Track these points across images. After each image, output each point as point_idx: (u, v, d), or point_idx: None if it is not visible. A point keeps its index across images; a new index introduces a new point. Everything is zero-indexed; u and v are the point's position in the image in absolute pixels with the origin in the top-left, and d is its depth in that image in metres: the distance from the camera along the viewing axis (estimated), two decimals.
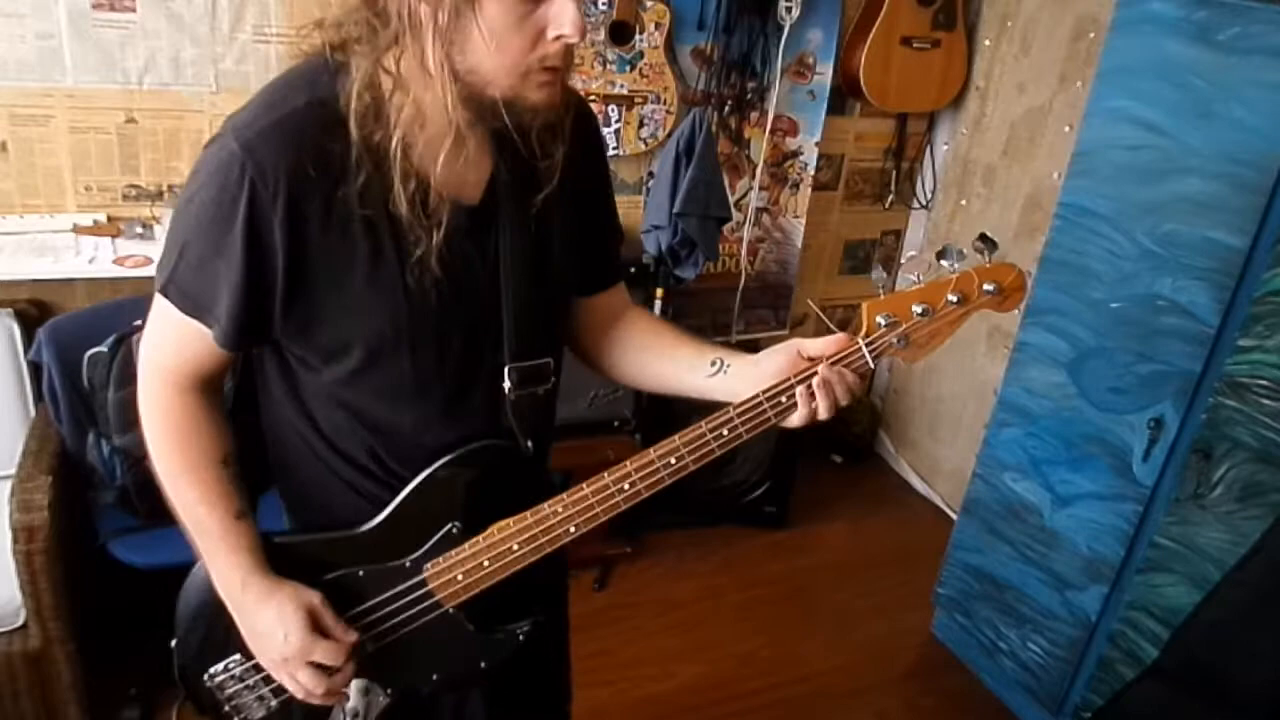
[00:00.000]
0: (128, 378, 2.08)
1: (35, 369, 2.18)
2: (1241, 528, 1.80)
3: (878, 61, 2.92)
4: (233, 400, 1.18)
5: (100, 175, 2.32)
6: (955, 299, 1.08)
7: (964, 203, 3.20)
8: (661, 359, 1.23)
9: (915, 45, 2.94)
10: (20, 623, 1.91)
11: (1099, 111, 2.08)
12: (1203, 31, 1.86)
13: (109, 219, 2.33)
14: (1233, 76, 1.81)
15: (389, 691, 1.19)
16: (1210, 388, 1.86)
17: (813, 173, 3.14)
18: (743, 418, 1.08)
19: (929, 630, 2.73)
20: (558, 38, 0.92)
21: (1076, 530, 2.21)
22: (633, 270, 2.70)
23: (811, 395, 1.08)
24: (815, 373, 1.07)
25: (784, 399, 1.08)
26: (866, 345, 1.09)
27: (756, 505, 3.05)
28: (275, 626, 1.08)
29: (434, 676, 1.19)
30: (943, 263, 1.08)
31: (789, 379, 1.08)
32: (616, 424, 2.73)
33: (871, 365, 1.10)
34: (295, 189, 0.95)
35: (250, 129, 0.95)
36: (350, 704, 1.17)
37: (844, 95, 3.09)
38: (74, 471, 2.09)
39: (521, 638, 1.19)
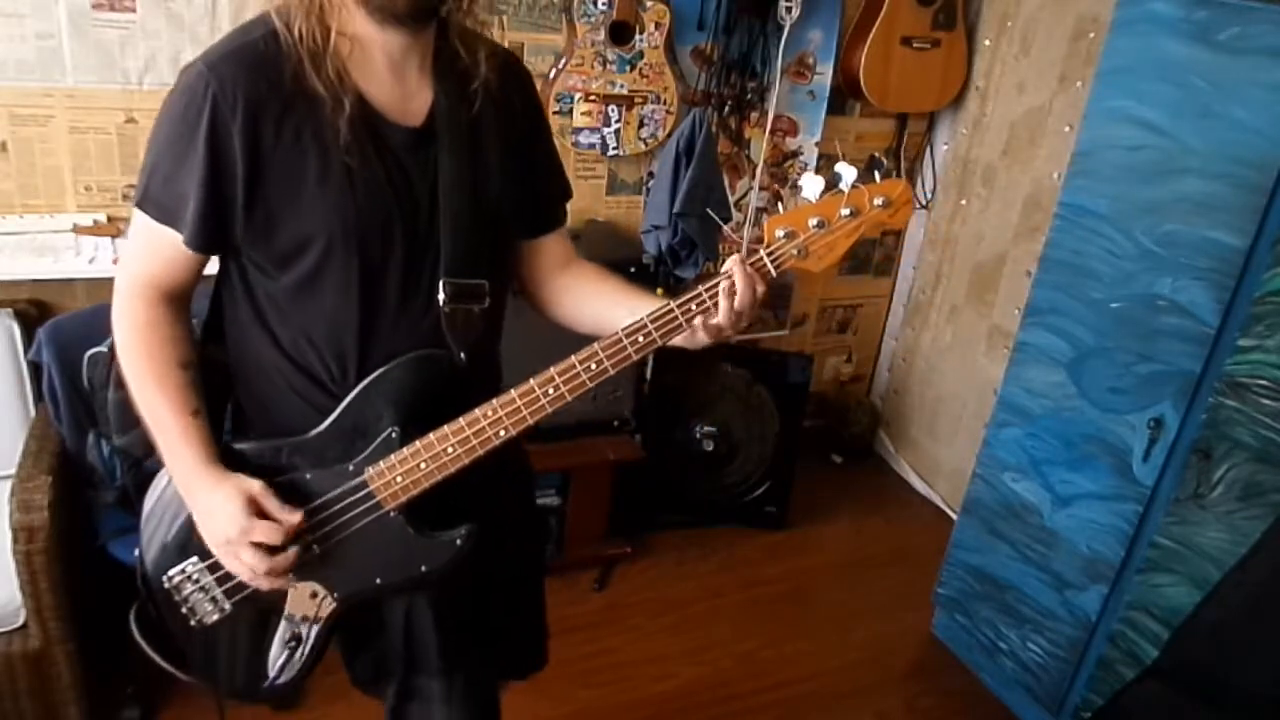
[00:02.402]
0: None
1: (35, 369, 2.18)
2: (1241, 528, 1.80)
3: (878, 61, 2.92)
4: (201, 332, 1.29)
5: (100, 175, 2.32)
6: (848, 212, 1.18)
7: (964, 203, 3.20)
8: (611, 304, 1.31)
9: (915, 45, 2.94)
10: (20, 623, 1.91)
11: (1099, 111, 2.08)
12: (1202, 31, 1.86)
13: (109, 219, 2.33)
14: (1233, 76, 1.81)
15: (335, 595, 1.26)
16: (1210, 388, 1.86)
17: (813, 173, 3.14)
18: (656, 323, 1.17)
19: (929, 630, 2.73)
20: None
21: (1076, 530, 2.21)
22: (633, 270, 2.70)
23: (716, 297, 1.17)
24: (727, 276, 1.17)
25: (694, 305, 1.17)
26: (767, 254, 1.19)
27: (756, 505, 3.06)
28: (219, 509, 1.16)
29: (377, 580, 1.26)
30: (836, 184, 1.19)
31: (699, 289, 1.18)
32: (616, 424, 2.73)
33: (774, 273, 1.19)
34: (252, 103, 1.09)
35: (215, 54, 1.11)
36: (300, 610, 1.26)
37: (844, 95, 3.09)
38: (74, 471, 2.09)
39: (459, 543, 1.24)
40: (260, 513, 1.17)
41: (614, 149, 2.76)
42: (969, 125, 3.16)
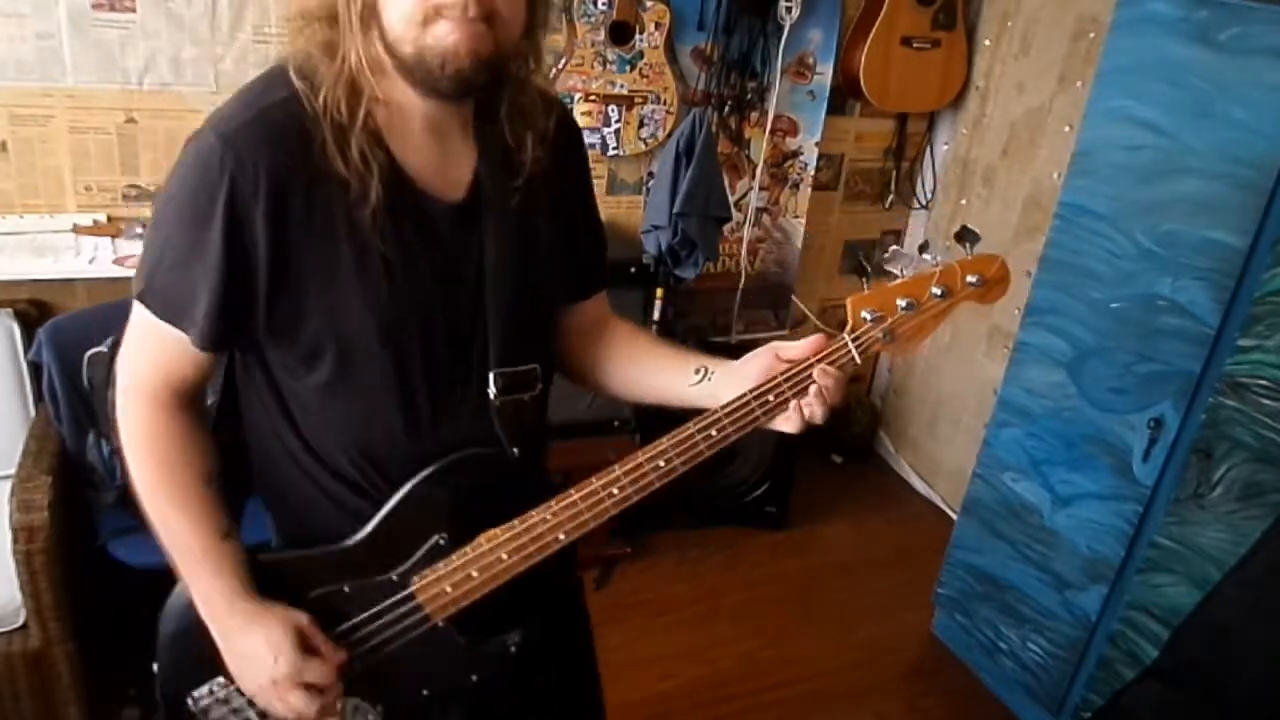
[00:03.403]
0: None
1: (35, 369, 2.18)
2: (1241, 528, 1.80)
3: (878, 61, 2.91)
4: (215, 417, 1.16)
5: (100, 175, 2.32)
6: (939, 292, 1.07)
7: (964, 203, 3.20)
8: (647, 371, 1.22)
9: (915, 45, 2.94)
10: (20, 623, 1.91)
11: (1099, 111, 2.08)
12: (1203, 31, 1.86)
13: (109, 219, 2.33)
14: (1233, 76, 1.81)
15: (379, 709, 1.16)
16: (1210, 388, 1.86)
17: (813, 173, 3.14)
18: (730, 417, 1.07)
19: (929, 630, 2.72)
20: None
21: (1076, 530, 2.21)
22: (633, 270, 2.70)
23: (804, 399, 1.07)
24: (806, 376, 1.06)
25: (771, 397, 1.07)
26: (853, 341, 1.08)
27: (756, 505, 3.05)
28: (264, 650, 1.05)
29: (424, 691, 1.17)
30: (925, 256, 1.08)
31: (776, 378, 1.07)
32: (616, 424, 2.73)
33: (859, 361, 1.08)
34: (277, 182, 0.94)
35: (231, 123, 0.95)
36: None
37: (844, 95, 3.09)
38: (74, 471, 2.09)
39: (513, 649, 1.16)
40: (306, 647, 1.06)
41: (614, 149, 2.76)
42: (969, 125, 3.16)
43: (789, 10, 2.77)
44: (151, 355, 1.04)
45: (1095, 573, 2.17)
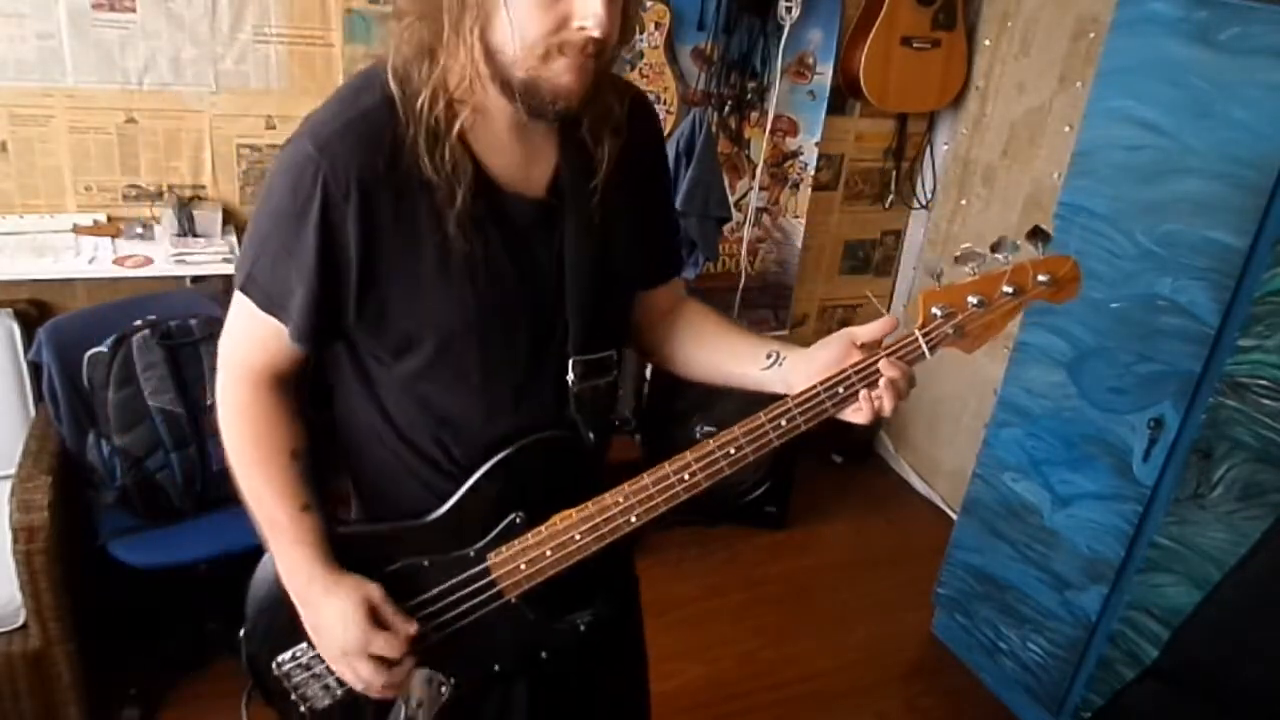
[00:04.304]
0: (127, 378, 2.09)
1: (35, 369, 2.18)
2: (1241, 528, 1.80)
3: (878, 61, 2.92)
4: (306, 400, 1.21)
5: (100, 175, 2.32)
6: (1010, 290, 1.09)
7: (964, 203, 3.20)
8: (719, 352, 1.24)
9: (915, 45, 2.94)
10: (20, 623, 1.91)
11: (1099, 111, 2.08)
12: (1203, 31, 1.86)
13: (109, 219, 2.34)
14: (1233, 76, 1.81)
15: (451, 681, 1.20)
16: (1210, 388, 1.86)
17: (813, 173, 3.14)
18: (801, 408, 1.08)
19: (929, 630, 2.73)
20: (580, 29, 0.95)
21: (1076, 530, 2.21)
22: None
23: (874, 390, 1.08)
24: (875, 368, 1.08)
25: (841, 389, 1.08)
26: (923, 335, 1.10)
27: (756, 505, 3.05)
28: (335, 620, 1.10)
29: (495, 666, 1.21)
30: (997, 255, 1.09)
31: (847, 370, 1.08)
32: (617, 424, 2.73)
33: (928, 355, 1.10)
34: (366, 187, 0.99)
35: (325, 128, 1.00)
36: (414, 695, 1.18)
37: (844, 95, 3.09)
38: (74, 471, 2.09)
39: (582, 628, 1.20)
40: (377, 619, 1.11)
41: None
42: (969, 125, 3.16)
43: (789, 10, 2.77)
44: (250, 343, 1.10)
45: (1095, 573, 2.17)
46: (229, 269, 2.21)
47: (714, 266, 3.01)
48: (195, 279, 2.31)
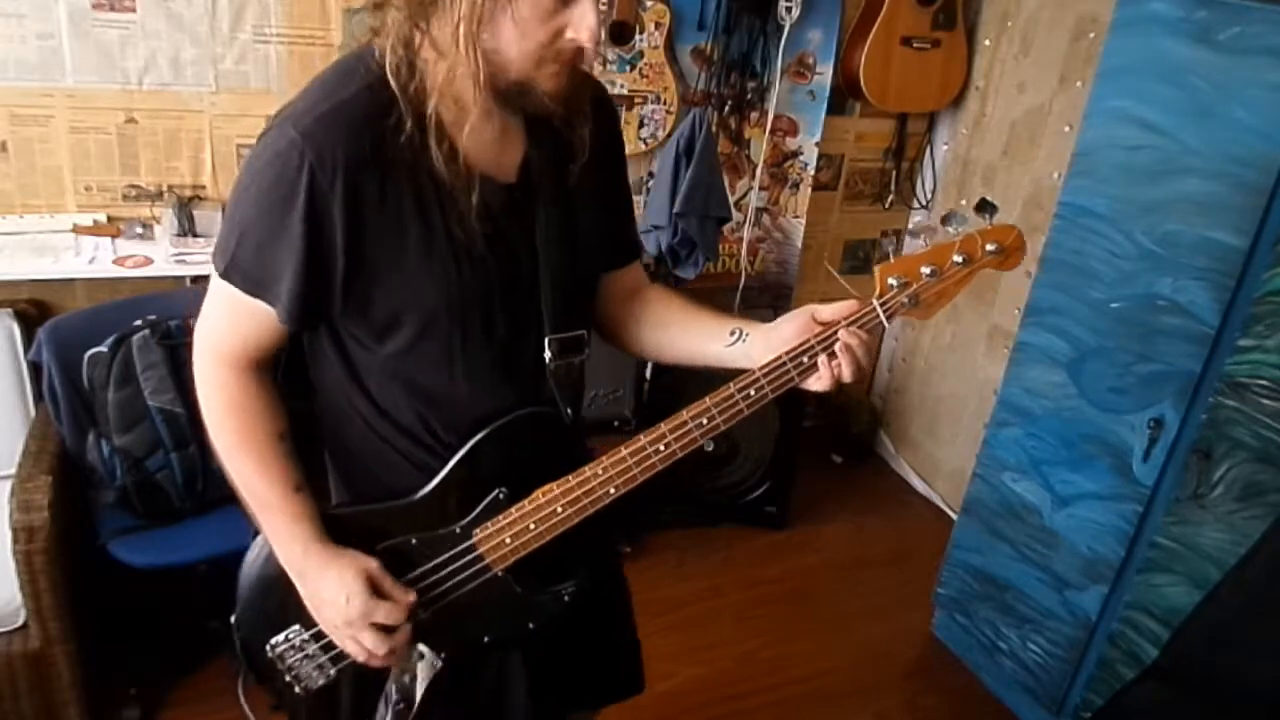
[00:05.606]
0: (127, 378, 2.09)
1: (35, 369, 2.18)
2: (1241, 528, 1.80)
3: (878, 61, 2.92)
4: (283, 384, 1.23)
5: (100, 175, 2.32)
6: (960, 259, 1.14)
7: (964, 202, 3.20)
8: (683, 332, 1.27)
9: (915, 45, 2.94)
10: (20, 623, 1.91)
11: (1099, 111, 2.08)
12: (1203, 31, 1.86)
13: (109, 219, 2.34)
14: (1233, 76, 1.81)
15: (442, 655, 1.23)
16: (1210, 388, 1.86)
17: (813, 173, 3.14)
18: (768, 377, 1.12)
19: (929, 630, 2.73)
20: (573, 40, 1.00)
21: (1076, 530, 2.21)
22: None
23: (834, 359, 1.13)
24: (836, 337, 1.12)
25: (805, 359, 1.12)
26: (880, 305, 1.14)
27: (756, 505, 3.05)
28: (338, 591, 1.12)
29: (484, 638, 1.25)
30: (947, 228, 1.14)
31: (809, 340, 1.12)
32: (616, 424, 2.73)
33: (886, 324, 1.15)
34: (352, 173, 1.00)
35: (308, 116, 1.01)
36: (408, 670, 1.22)
37: (844, 95, 3.09)
38: (74, 471, 2.09)
39: (566, 598, 1.24)
40: (378, 592, 1.14)
41: None
42: (969, 125, 3.16)
43: (789, 10, 2.77)
44: (232, 327, 1.11)
45: (1095, 573, 2.17)
46: None
47: (714, 266, 3.01)
48: (195, 279, 2.31)
